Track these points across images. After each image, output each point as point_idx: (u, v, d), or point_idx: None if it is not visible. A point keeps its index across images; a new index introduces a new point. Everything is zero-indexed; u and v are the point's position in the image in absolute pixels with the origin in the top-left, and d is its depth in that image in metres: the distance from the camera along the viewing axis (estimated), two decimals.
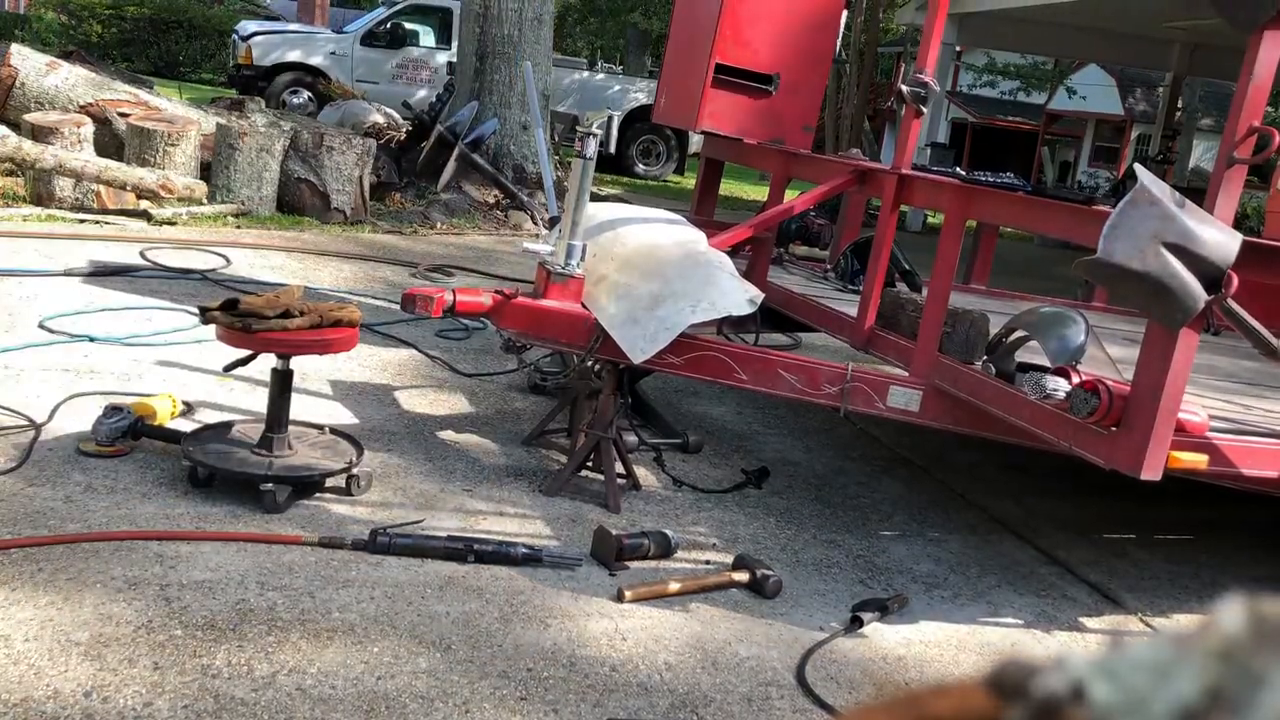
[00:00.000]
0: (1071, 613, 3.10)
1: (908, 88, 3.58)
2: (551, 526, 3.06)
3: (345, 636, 2.31)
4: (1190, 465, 2.73)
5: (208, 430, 3.21)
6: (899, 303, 3.71)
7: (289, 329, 2.92)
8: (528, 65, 4.46)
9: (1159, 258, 2.41)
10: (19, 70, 8.09)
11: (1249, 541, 3.99)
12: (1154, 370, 2.61)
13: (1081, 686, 0.32)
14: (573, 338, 3.22)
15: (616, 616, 2.59)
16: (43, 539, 2.55)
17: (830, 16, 4.64)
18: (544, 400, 4.24)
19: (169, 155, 7.29)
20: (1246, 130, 2.48)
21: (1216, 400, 3.44)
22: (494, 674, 2.25)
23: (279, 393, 3.07)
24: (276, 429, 3.07)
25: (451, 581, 2.63)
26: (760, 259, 4.25)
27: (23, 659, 2.06)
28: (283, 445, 3.05)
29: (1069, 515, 3.90)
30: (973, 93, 26.98)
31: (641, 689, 2.28)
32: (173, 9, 23.13)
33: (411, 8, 15.28)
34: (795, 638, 2.63)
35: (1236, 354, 4.41)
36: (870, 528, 3.46)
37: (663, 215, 3.72)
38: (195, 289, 5.19)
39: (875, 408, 3.33)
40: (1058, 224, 3.15)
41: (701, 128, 4.66)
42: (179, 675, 2.08)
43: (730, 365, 3.28)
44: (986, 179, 3.67)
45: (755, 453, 4.03)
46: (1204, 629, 0.31)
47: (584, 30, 26.99)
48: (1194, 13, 10.81)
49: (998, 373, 3.13)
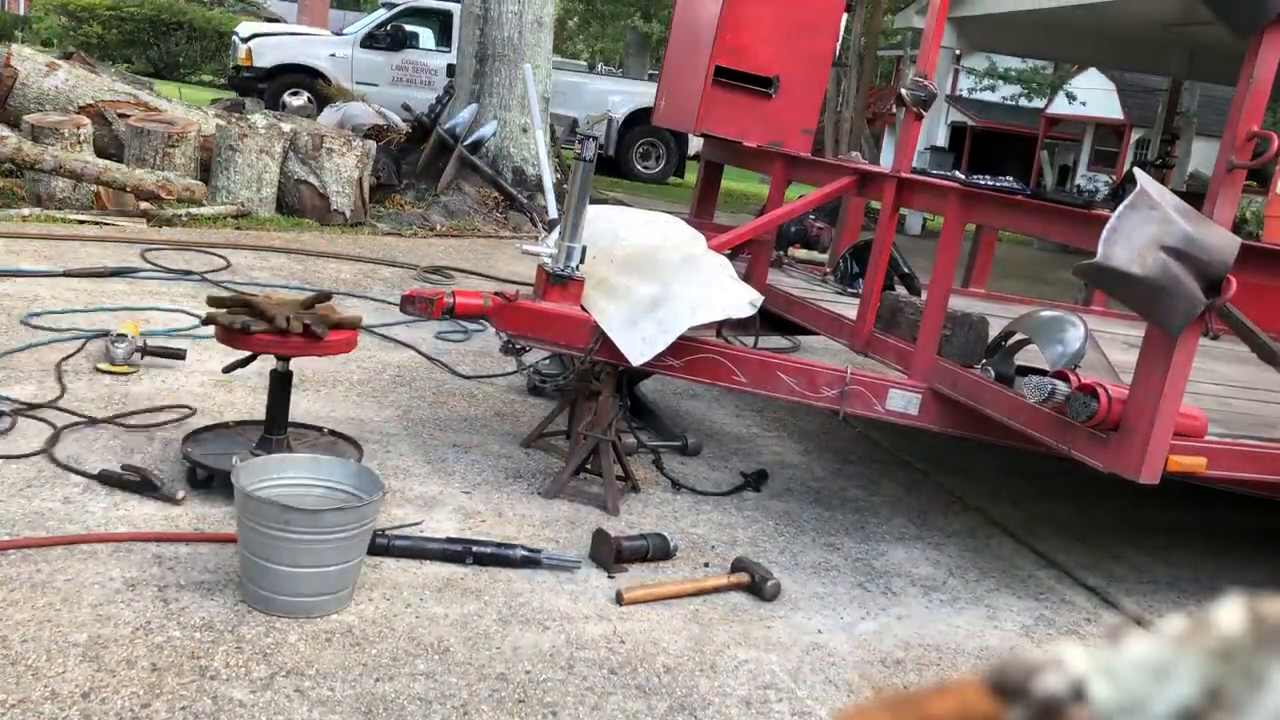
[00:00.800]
0: (1070, 617, 3.10)
1: (908, 91, 3.59)
2: (550, 529, 3.06)
3: (344, 638, 2.31)
4: (1189, 468, 2.73)
5: (207, 431, 3.21)
6: (898, 306, 3.71)
7: (287, 331, 2.92)
8: (528, 68, 4.46)
9: (1158, 262, 2.41)
10: (19, 71, 8.09)
11: (1247, 545, 3.99)
12: (1153, 374, 2.62)
13: (1082, 686, 0.32)
14: (572, 340, 3.22)
15: (615, 619, 2.59)
16: (41, 540, 2.55)
17: (830, 19, 4.65)
18: (543, 402, 4.24)
19: (168, 156, 7.29)
20: (1246, 134, 2.49)
21: (1215, 404, 3.44)
22: (492, 676, 2.25)
23: (278, 394, 3.07)
24: (275, 430, 3.07)
25: (450, 583, 2.63)
26: (760, 262, 4.26)
27: (20, 660, 2.06)
28: (282, 446, 3.04)
29: (1068, 519, 3.90)
30: (972, 96, 27.00)
31: (640, 692, 2.28)
32: (173, 10, 23.14)
33: (412, 10, 15.29)
34: (794, 641, 2.63)
35: (1234, 358, 4.41)
36: (869, 531, 3.46)
37: (662, 217, 3.72)
38: (194, 290, 5.19)
39: (874, 411, 3.33)
40: (1057, 228, 3.15)
41: (701, 130, 4.66)
42: (177, 677, 2.08)
43: (729, 367, 3.28)
44: (986, 182, 3.67)
45: (754, 455, 4.03)
46: (1204, 629, 0.31)
47: (584, 34, 27.00)
48: (1193, 17, 10.83)
49: (997, 376, 3.13)
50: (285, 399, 3.08)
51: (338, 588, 2.41)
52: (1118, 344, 4.19)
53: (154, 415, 3.47)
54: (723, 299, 3.30)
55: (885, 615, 2.87)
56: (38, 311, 4.42)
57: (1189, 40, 13.24)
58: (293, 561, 2.32)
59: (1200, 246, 2.43)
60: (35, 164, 6.43)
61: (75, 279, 5.04)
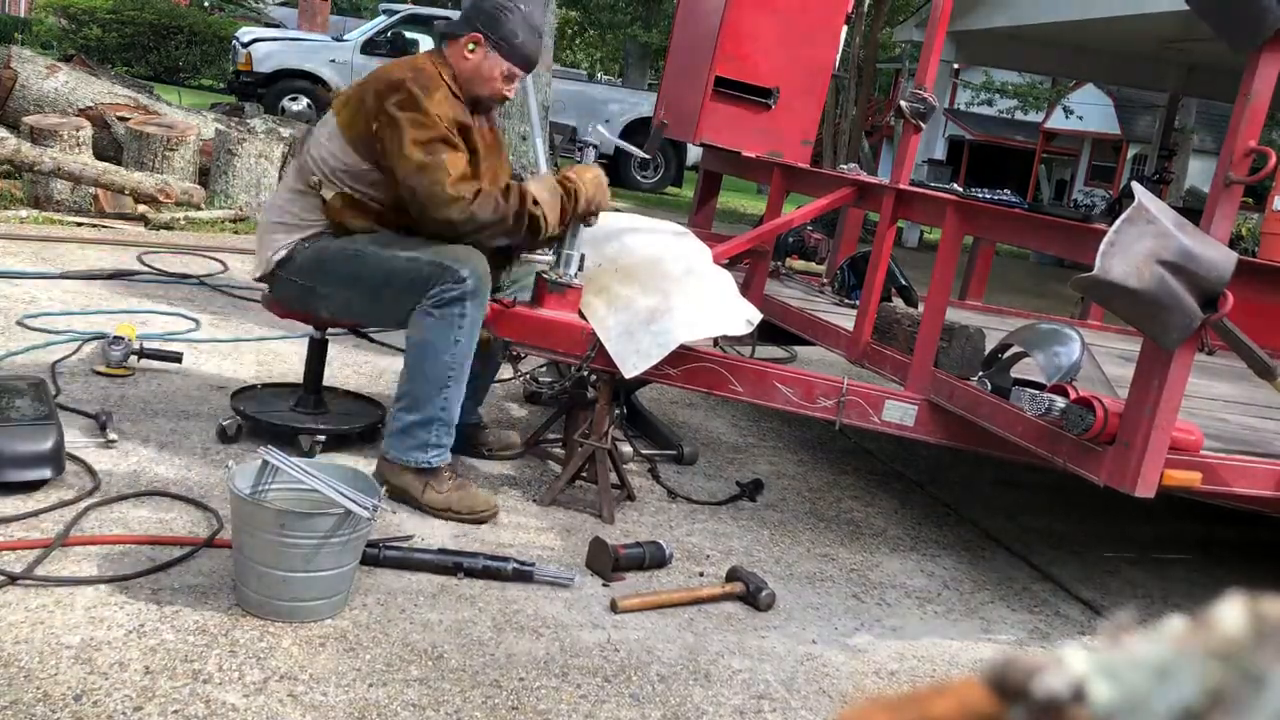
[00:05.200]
0: (1064, 630, 3.10)
1: (907, 103, 3.60)
2: (545, 536, 3.06)
3: (338, 643, 2.31)
4: (1184, 483, 2.74)
5: (246, 391, 3.63)
6: (895, 317, 3.72)
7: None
8: (527, 76, 4.46)
9: (1155, 276, 2.41)
10: (19, 73, 8.09)
11: (1242, 561, 3.99)
12: (1149, 388, 2.62)
13: (1082, 687, 0.32)
14: (569, 347, 3.22)
15: (610, 627, 2.58)
16: (34, 542, 2.54)
17: (829, 31, 4.67)
18: (539, 409, 4.24)
19: (168, 160, 7.29)
20: (1244, 150, 2.50)
21: (1210, 419, 3.45)
22: (486, 683, 2.25)
23: (315, 360, 3.48)
24: (312, 390, 3.51)
25: (445, 589, 2.63)
26: (758, 272, 4.26)
27: (12, 661, 2.06)
28: (319, 406, 3.49)
29: (1062, 532, 3.90)
30: (970, 110, 27.09)
31: (634, 700, 2.28)
32: (173, 14, 23.17)
33: (412, 16, 15.32)
34: (788, 651, 2.62)
35: (1231, 374, 4.42)
36: (864, 542, 3.46)
37: (670, 227, 3.73)
38: (191, 293, 5.19)
39: (870, 422, 3.33)
40: (1055, 241, 3.16)
41: (700, 140, 4.68)
42: (170, 680, 2.07)
43: (726, 377, 3.29)
44: (984, 196, 3.68)
45: (750, 465, 4.03)
46: (1205, 629, 0.31)
47: (584, 42, 27.06)
48: (1192, 33, 10.87)
49: (993, 388, 3.14)
50: (321, 363, 3.50)
51: (332, 592, 2.40)
52: (1114, 358, 4.20)
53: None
54: (720, 316, 3.30)
55: (879, 626, 2.87)
56: (34, 313, 4.41)
57: (1187, 56, 13.30)
58: (288, 566, 2.31)
59: (1198, 261, 2.43)
60: (34, 166, 6.43)
61: (73, 281, 5.04)
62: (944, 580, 3.26)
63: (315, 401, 3.48)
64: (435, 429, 3.03)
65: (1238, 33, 2.50)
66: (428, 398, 3.00)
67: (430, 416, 3.02)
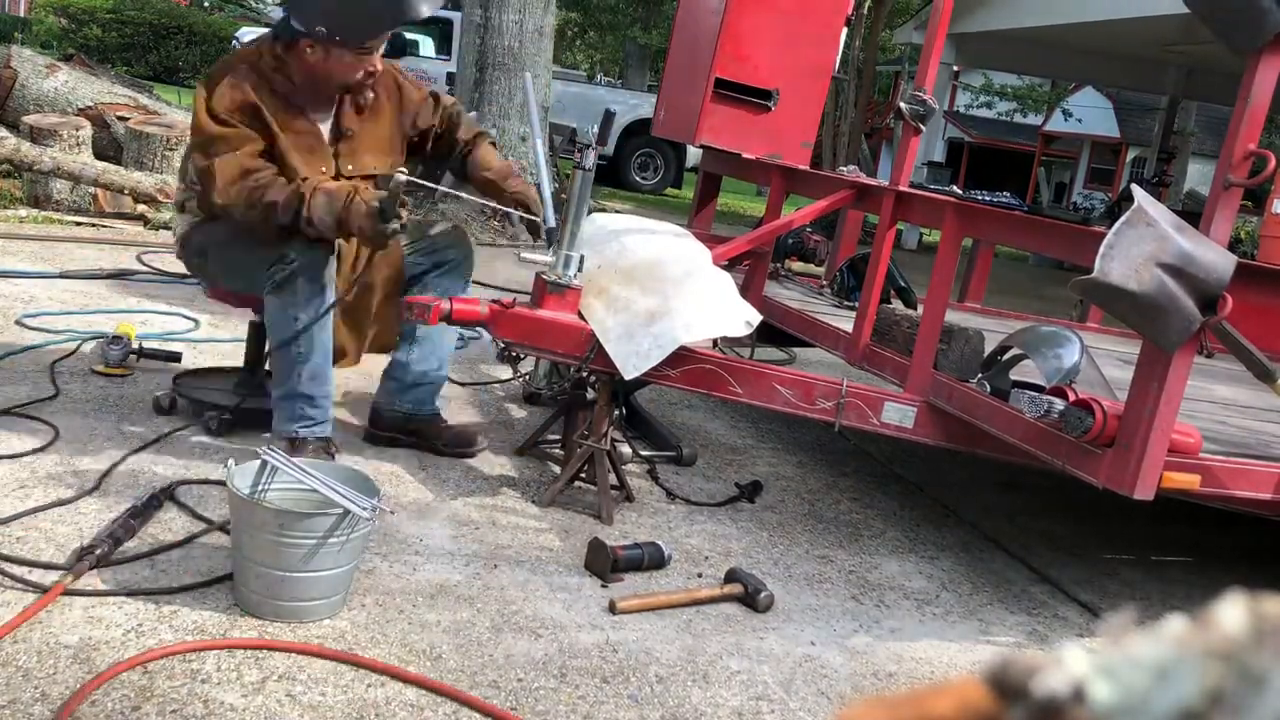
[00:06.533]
0: (1063, 632, 3.10)
1: (907, 104, 3.60)
2: (544, 537, 3.06)
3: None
4: (1183, 485, 2.74)
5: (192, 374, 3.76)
6: (894, 319, 3.72)
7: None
8: (528, 77, 4.46)
9: (1154, 278, 2.42)
10: (19, 72, 8.09)
11: (1241, 563, 4.00)
12: (1148, 390, 2.62)
13: (1082, 687, 0.32)
14: (569, 348, 3.22)
15: (608, 628, 2.58)
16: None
17: (829, 33, 4.67)
18: (539, 410, 4.24)
19: (167, 160, 7.29)
20: (1243, 153, 2.50)
21: (1209, 422, 3.45)
22: (484, 684, 2.25)
23: (254, 341, 3.57)
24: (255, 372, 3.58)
25: (443, 590, 2.63)
26: (757, 274, 4.26)
27: (10, 661, 2.05)
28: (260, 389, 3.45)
29: (1061, 534, 3.90)
30: (969, 113, 27.09)
31: (632, 701, 2.28)
32: (173, 14, 23.16)
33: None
34: (787, 652, 2.62)
35: (1230, 377, 4.43)
36: (862, 544, 3.46)
37: (669, 229, 3.73)
38: (190, 293, 5.19)
39: (869, 423, 3.33)
40: (1054, 244, 3.16)
41: (700, 141, 4.68)
42: (168, 680, 2.07)
43: (725, 379, 3.28)
44: (983, 198, 3.68)
45: (749, 466, 4.03)
46: (1205, 629, 0.31)
47: (584, 43, 27.06)
48: (1192, 36, 10.88)
49: (993, 390, 3.14)
50: (260, 345, 3.54)
51: (331, 593, 2.40)
52: (1113, 360, 4.20)
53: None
54: (720, 317, 3.30)
55: (878, 628, 2.87)
56: (33, 313, 4.41)
57: (1187, 59, 13.31)
58: (286, 565, 2.31)
59: (1197, 264, 2.44)
60: (34, 165, 6.43)
61: (72, 280, 5.04)
62: (943, 582, 3.26)
63: (255, 382, 3.55)
64: (298, 403, 3.16)
65: (1237, 35, 2.50)
66: (285, 374, 3.15)
67: (289, 391, 3.15)
